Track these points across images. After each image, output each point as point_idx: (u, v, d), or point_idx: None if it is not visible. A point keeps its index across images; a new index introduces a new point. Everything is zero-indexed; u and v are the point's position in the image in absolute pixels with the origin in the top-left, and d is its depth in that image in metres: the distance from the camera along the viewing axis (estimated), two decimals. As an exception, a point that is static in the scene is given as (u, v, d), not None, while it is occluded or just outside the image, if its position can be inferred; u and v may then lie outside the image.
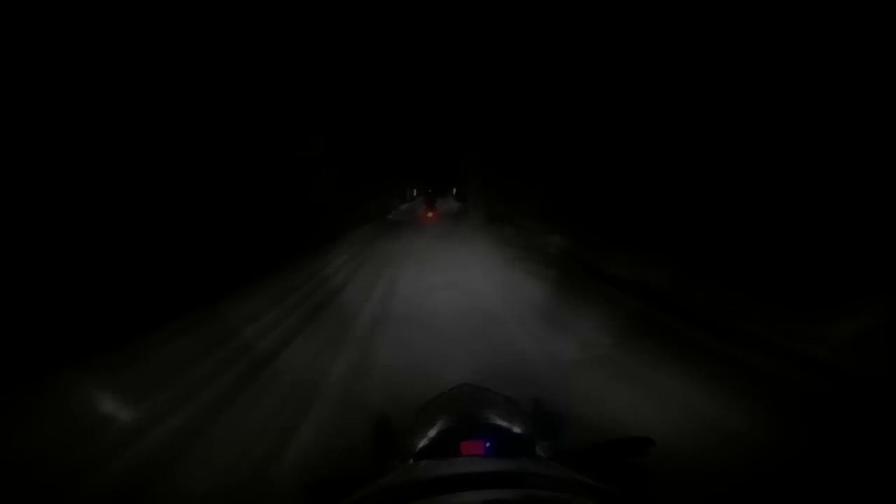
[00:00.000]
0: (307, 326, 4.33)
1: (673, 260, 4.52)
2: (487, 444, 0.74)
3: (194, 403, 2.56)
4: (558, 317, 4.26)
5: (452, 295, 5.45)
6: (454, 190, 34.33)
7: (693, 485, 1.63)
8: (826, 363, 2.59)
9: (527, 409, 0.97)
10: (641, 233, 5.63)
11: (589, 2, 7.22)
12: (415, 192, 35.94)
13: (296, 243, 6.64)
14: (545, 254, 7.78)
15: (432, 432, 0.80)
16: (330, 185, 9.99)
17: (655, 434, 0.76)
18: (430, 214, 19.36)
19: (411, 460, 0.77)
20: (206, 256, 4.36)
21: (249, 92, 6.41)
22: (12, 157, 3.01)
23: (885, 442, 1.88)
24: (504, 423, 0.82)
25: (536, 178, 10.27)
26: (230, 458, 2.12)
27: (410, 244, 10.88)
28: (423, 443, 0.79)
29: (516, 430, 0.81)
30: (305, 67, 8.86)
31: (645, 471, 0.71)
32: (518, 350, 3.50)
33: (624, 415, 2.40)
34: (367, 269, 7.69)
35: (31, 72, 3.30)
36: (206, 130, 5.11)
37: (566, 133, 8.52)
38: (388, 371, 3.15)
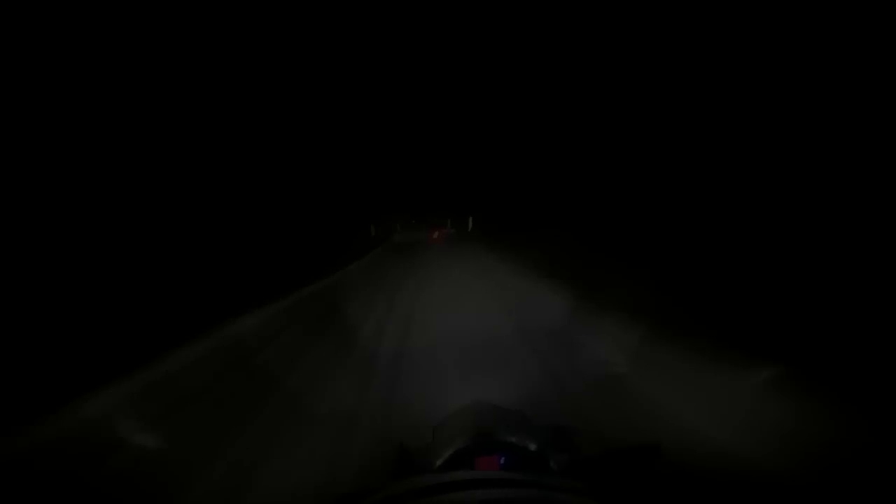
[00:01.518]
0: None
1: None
2: (502, 460, 0.77)
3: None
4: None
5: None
6: (448, 222, 38.28)
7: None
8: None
9: (540, 424, 0.97)
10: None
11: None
12: (372, 230, 27.03)
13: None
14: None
15: (448, 451, 0.83)
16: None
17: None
18: (435, 235, 24.39)
19: None
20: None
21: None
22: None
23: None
24: (518, 439, 0.85)
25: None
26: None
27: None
28: (439, 461, 0.82)
29: (531, 445, 0.84)
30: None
31: (655, 478, 0.73)
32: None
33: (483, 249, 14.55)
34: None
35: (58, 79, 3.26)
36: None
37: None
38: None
